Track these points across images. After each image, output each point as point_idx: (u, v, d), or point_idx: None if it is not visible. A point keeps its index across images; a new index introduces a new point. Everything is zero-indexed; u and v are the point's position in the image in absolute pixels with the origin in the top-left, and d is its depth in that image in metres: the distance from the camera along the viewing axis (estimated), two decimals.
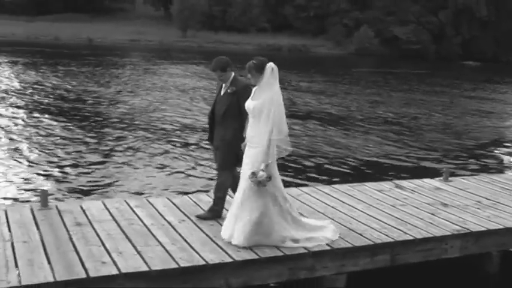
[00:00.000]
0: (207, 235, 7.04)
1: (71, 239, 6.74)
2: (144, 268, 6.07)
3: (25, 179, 12.20)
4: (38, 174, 12.65)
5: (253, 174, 6.61)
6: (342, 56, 68.14)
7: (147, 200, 8.39)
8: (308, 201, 8.71)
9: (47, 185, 11.34)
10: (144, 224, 7.32)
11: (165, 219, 7.54)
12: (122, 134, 17.10)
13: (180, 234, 7.01)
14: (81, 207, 7.85)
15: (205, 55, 49.91)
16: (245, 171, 6.80)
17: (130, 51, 53.92)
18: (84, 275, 5.86)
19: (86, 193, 11.34)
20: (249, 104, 6.87)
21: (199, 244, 6.72)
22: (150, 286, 6.08)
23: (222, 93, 7.59)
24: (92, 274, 5.88)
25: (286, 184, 12.01)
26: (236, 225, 6.79)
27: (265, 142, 6.66)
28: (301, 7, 75.81)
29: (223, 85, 7.61)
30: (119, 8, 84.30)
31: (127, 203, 8.17)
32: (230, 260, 6.40)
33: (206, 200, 8.39)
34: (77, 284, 5.79)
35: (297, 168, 14.05)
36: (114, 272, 5.97)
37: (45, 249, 6.42)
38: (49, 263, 6.09)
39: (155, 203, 8.18)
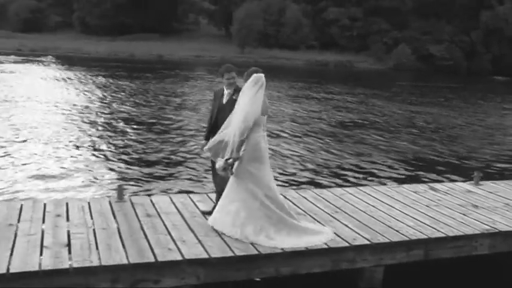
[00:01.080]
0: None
1: (142, 228, 6.84)
2: (204, 255, 6.12)
3: (105, 176, 12.42)
4: (116, 172, 12.86)
5: (218, 161, 6.73)
6: (382, 70, 67.41)
7: (208, 196, 8.44)
8: (351, 200, 8.63)
9: (123, 181, 11.51)
10: (205, 217, 7.34)
11: None
12: (185, 137, 17.25)
13: None
14: (151, 201, 7.96)
15: (261, 69, 50.00)
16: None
17: (195, 66, 54.48)
18: (153, 259, 5.94)
19: (156, 189, 11.48)
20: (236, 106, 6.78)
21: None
22: (208, 272, 6.11)
23: (224, 101, 7.29)
24: (160, 259, 5.96)
25: (332, 184, 12.08)
26: (225, 218, 6.74)
27: (233, 138, 6.59)
28: (345, 27, 75.48)
29: (226, 92, 7.32)
30: (186, 28, 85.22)
31: (190, 198, 8.24)
32: (280, 250, 6.38)
33: None
34: (147, 266, 5.89)
35: (341, 170, 13.96)
36: (179, 258, 6.03)
37: (120, 236, 6.54)
38: (124, 247, 6.20)
39: (214, 198, 8.21)
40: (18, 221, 6.94)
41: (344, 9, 75.97)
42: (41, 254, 5.95)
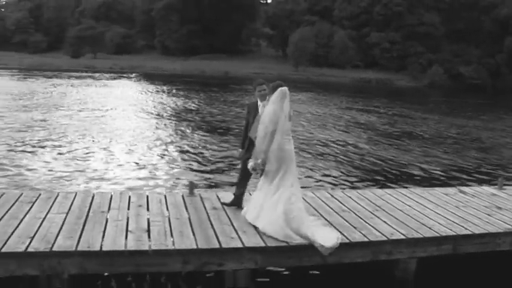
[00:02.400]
0: None
1: (209, 218, 6.89)
2: (262, 244, 6.11)
3: (179, 174, 12.60)
4: (188, 170, 13.03)
5: (249, 163, 6.64)
6: (417, 87, 65.86)
7: None
8: (390, 200, 8.46)
9: (194, 178, 11.64)
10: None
11: None
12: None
13: None
14: (217, 196, 8.00)
15: (312, 85, 49.83)
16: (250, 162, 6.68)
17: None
18: (217, 246, 5.99)
19: (221, 185, 11.57)
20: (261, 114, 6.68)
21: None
22: (264, 258, 6.10)
23: (260, 112, 6.93)
24: (224, 245, 6.00)
25: (374, 186, 11.90)
26: (264, 213, 6.49)
27: (259, 147, 6.51)
28: (386, 49, 74.38)
29: (260, 104, 7.02)
30: (248, 50, 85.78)
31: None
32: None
33: (310, 196, 8.36)
34: (213, 252, 5.93)
35: (382, 173, 13.73)
36: (240, 245, 6.05)
37: (191, 225, 6.62)
38: (193, 234, 6.27)
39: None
40: (109, 209, 7.13)
41: (385, 34, 74.91)
42: (126, 237, 6.10)
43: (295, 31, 74.39)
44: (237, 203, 7.40)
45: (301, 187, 6.99)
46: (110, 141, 16.42)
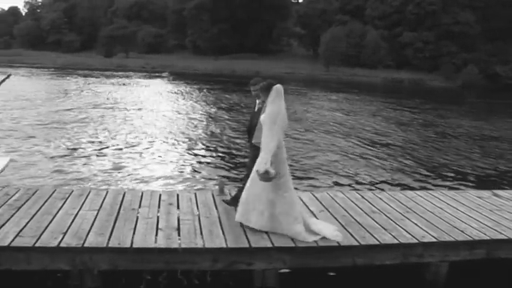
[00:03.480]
0: (340, 223, 6.94)
1: None
2: (291, 244, 6.11)
3: (209, 173, 12.69)
4: (218, 170, 13.11)
5: (257, 171, 6.33)
6: (451, 88, 64.66)
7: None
8: (421, 202, 8.35)
9: (225, 177, 11.70)
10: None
11: (308, 208, 7.53)
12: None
13: None
14: None
15: (344, 85, 49.49)
16: (256, 167, 6.42)
17: (286, 81, 54.44)
18: (247, 245, 6.01)
19: None
20: (261, 117, 6.52)
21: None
22: (293, 258, 6.09)
23: (256, 109, 7.11)
24: (253, 245, 6.02)
25: (405, 187, 11.77)
26: (254, 211, 6.39)
27: (266, 149, 6.28)
28: (419, 49, 73.19)
29: (257, 102, 7.13)
30: (279, 49, 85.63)
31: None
32: (357, 243, 6.27)
33: (340, 196, 8.31)
34: (242, 251, 5.96)
35: (413, 174, 13.56)
36: (269, 245, 6.05)
37: (221, 224, 6.66)
38: (223, 233, 6.31)
39: (302, 196, 8.16)
40: (139, 206, 7.24)
41: (417, 34, 73.83)
42: (156, 235, 6.19)
43: (326, 31, 73.96)
44: (234, 203, 7.29)
45: (331, 187, 6.93)
46: (142, 140, 16.65)
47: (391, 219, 7.25)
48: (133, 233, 6.17)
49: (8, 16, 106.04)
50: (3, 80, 10.48)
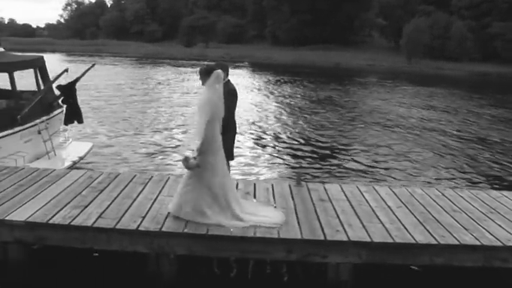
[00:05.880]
0: (418, 220, 6.74)
1: (315, 210, 6.89)
2: (367, 239, 6.02)
3: (287, 164, 12.74)
4: (296, 161, 13.14)
5: (184, 158, 6.19)
6: None
7: (373, 188, 8.24)
8: (507, 203, 7.87)
9: (302, 169, 11.69)
10: (370, 206, 7.21)
11: (386, 203, 7.36)
12: (356, 134, 17.09)
13: (397, 217, 6.78)
14: (324, 188, 7.97)
15: (426, 78, 47.91)
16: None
17: (366, 73, 53.47)
18: (322, 238, 5.98)
19: (329, 178, 11.52)
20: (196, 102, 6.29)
21: (411, 226, 6.44)
22: (369, 253, 5.99)
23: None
24: (329, 238, 5.98)
25: (488, 186, 11.25)
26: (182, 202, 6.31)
27: (198, 135, 6.09)
28: (510, 41, 69.39)
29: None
30: (360, 40, 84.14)
31: (358, 188, 8.13)
32: (435, 242, 6.06)
33: (419, 193, 8.06)
34: (317, 243, 5.94)
35: (501, 174, 12.94)
36: (345, 239, 5.99)
37: (297, 215, 6.66)
38: (299, 225, 6.32)
39: (379, 190, 8.01)
40: None
41: (509, 23, 69.95)
42: None
43: (409, 22, 71.81)
44: None
45: (409, 182, 6.69)
46: None
47: (473, 219, 6.93)
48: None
49: (95, 8, 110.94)
50: (88, 69, 11.02)
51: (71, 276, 6.24)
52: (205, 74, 6.28)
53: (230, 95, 6.80)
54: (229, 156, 7.15)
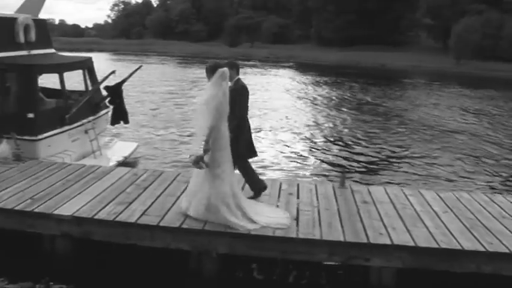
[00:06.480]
0: (464, 225, 6.59)
1: (358, 212, 6.86)
2: (411, 243, 5.93)
3: (331, 165, 12.67)
4: (340, 162, 13.05)
5: (190, 156, 6.16)
6: None
7: (419, 191, 8.13)
8: None
9: (346, 170, 11.61)
10: (415, 209, 7.11)
11: (431, 208, 7.23)
12: (401, 137, 16.84)
13: (442, 222, 6.66)
14: (368, 190, 7.93)
15: (475, 80, 46.71)
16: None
17: (412, 74, 52.56)
18: (365, 240, 5.94)
19: (373, 180, 11.41)
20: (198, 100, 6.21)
21: (458, 232, 6.31)
22: (412, 258, 5.90)
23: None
24: (372, 241, 5.94)
25: None
26: (193, 201, 6.33)
27: (202, 133, 6.04)
28: None
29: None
30: (407, 41, 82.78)
31: (403, 191, 8.03)
32: (483, 249, 5.90)
33: (466, 198, 7.87)
34: (360, 246, 5.89)
35: None
36: (388, 242, 5.93)
37: (340, 217, 6.64)
38: (342, 227, 6.29)
39: (425, 194, 7.89)
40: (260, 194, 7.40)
41: None
42: None
43: (458, 21, 70.12)
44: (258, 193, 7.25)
45: (456, 186, 6.53)
46: (266, 128, 17.04)
47: None
48: None
49: (142, 8, 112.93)
50: (135, 71, 11.25)
51: (114, 271, 6.38)
52: (210, 71, 6.24)
53: (240, 92, 6.80)
54: (252, 153, 7.16)
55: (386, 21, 79.35)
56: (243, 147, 6.89)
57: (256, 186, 7.26)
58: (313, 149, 14.57)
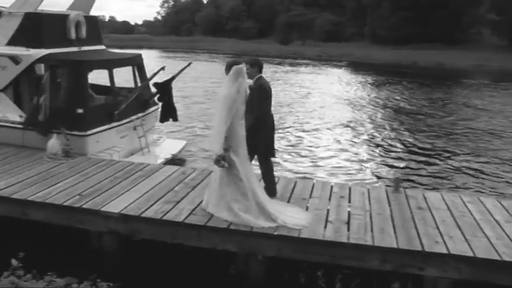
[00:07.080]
0: None
1: (413, 218, 6.72)
2: (470, 254, 5.74)
3: (384, 169, 12.50)
4: (394, 166, 12.86)
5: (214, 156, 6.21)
6: None
7: (478, 198, 7.89)
8: None
9: (400, 175, 11.42)
10: (474, 218, 6.89)
11: (492, 216, 6.99)
12: (460, 141, 16.41)
13: (505, 232, 6.40)
14: (423, 196, 7.76)
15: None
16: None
17: (473, 74, 51.09)
18: (420, 248, 5.81)
19: (428, 185, 11.18)
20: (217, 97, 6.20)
21: None
22: (470, 269, 5.71)
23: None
24: (427, 249, 5.80)
25: None
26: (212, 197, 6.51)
27: (218, 132, 6.11)
28: None
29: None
30: (467, 39, 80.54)
31: (461, 198, 7.81)
32: None
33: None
34: (414, 254, 5.77)
35: None
36: (444, 251, 5.77)
37: (393, 223, 6.53)
38: (395, 233, 6.19)
39: (485, 202, 7.64)
40: (310, 196, 7.42)
41: None
42: (325, 227, 6.29)
43: None
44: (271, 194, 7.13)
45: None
46: (318, 130, 17.02)
47: None
48: None
49: (192, 5, 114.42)
50: (184, 68, 11.41)
51: (160, 270, 6.49)
52: (228, 68, 6.32)
53: (258, 91, 6.81)
54: (270, 153, 7.17)
55: (445, 18, 77.41)
56: (261, 147, 6.98)
57: (271, 187, 7.26)
58: (366, 151, 14.40)
